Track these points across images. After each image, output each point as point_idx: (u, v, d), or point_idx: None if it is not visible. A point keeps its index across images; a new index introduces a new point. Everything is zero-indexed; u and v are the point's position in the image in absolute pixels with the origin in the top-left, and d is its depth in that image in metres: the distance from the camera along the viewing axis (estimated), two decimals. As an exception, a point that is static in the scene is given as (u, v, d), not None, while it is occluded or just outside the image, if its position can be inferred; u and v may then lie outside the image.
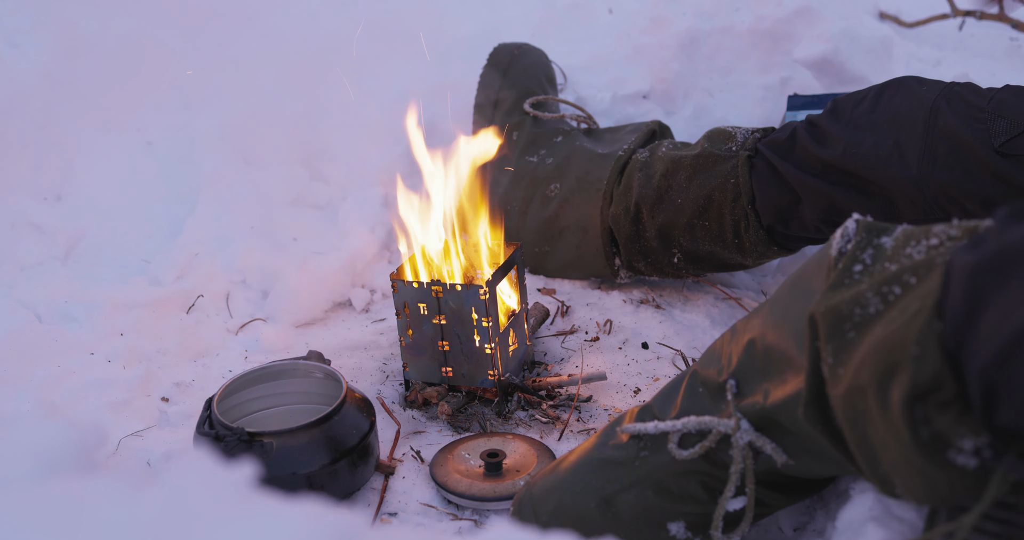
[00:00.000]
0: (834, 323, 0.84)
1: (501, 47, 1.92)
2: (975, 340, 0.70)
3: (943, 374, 0.72)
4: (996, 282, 0.69)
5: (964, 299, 0.71)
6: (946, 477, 0.74)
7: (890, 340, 0.77)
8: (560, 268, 1.72)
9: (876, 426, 0.79)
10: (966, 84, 1.37)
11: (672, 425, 1.06)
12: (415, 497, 1.27)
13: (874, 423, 0.79)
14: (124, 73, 2.01)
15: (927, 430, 0.74)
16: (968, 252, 0.73)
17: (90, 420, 1.38)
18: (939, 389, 0.72)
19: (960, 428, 0.72)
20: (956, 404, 0.72)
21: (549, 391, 1.44)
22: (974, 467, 0.72)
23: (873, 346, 0.79)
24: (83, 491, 0.56)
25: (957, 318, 0.71)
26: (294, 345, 1.58)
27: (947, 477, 0.74)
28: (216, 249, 1.73)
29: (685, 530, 1.06)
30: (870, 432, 0.81)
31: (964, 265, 0.72)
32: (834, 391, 0.84)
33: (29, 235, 1.79)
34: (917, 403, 0.74)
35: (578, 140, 1.75)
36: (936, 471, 0.74)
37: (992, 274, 0.70)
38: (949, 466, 0.73)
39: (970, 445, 0.72)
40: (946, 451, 0.73)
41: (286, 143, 1.90)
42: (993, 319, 0.68)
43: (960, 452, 0.72)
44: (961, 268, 0.72)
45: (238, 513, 0.55)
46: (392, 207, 1.73)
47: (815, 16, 2.08)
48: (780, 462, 1.00)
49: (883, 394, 0.77)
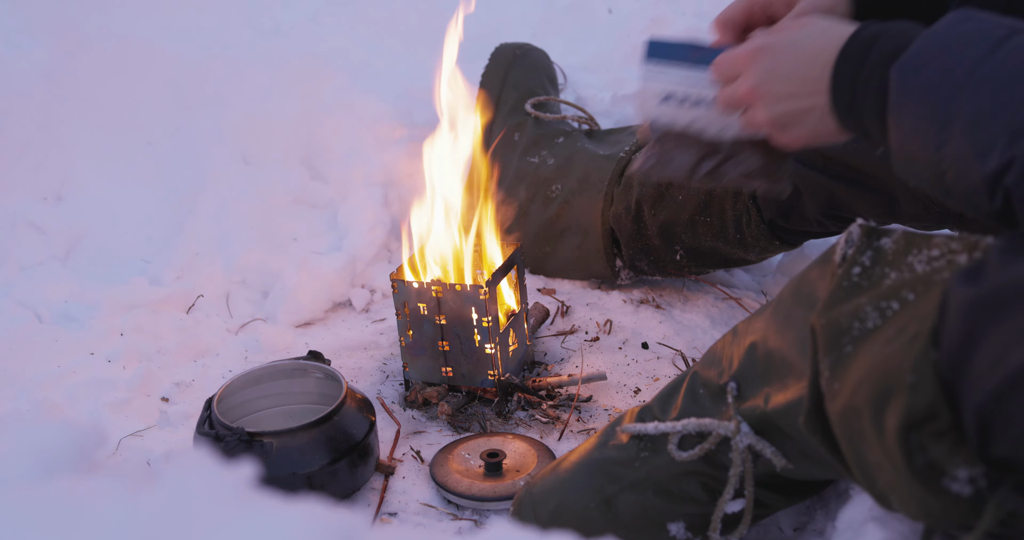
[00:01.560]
0: (832, 336, 0.84)
1: (502, 47, 1.92)
2: (970, 375, 0.70)
3: (938, 404, 0.72)
4: (991, 320, 0.70)
5: (960, 333, 0.71)
6: (941, 503, 0.74)
7: (887, 364, 0.77)
8: (561, 269, 1.72)
9: (872, 447, 0.79)
10: None
11: (672, 426, 1.06)
12: (415, 497, 1.27)
13: (870, 444, 0.80)
14: (124, 73, 2.01)
15: (922, 458, 0.74)
16: (966, 284, 0.73)
17: (90, 420, 1.38)
18: (934, 419, 0.73)
19: (955, 458, 0.72)
20: (951, 434, 0.72)
21: (549, 391, 1.44)
22: (968, 495, 0.72)
23: (870, 368, 0.79)
24: (83, 491, 0.56)
25: (953, 351, 0.72)
26: (294, 345, 1.58)
27: (942, 503, 0.74)
28: (216, 249, 1.73)
29: (685, 531, 1.06)
30: (866, 452, 0.81)
31: (961, 298, 0.72)
32: (831, 406, 0.84)
33: (29, 235, 1.79)
34: (912, 431, 0.74)
35: (580, 141, 1.75)
36: (930, 497, 0.75)
37: (988, 312, 0.70)
38: (944, 493, 0.73)
39: (964, 475, 0.72)
40: (940, 479, 0.73)
41: (286, 143, 1.90)
42: (987, 357, 0.69)
43: (955, 480, 0.72)
44: (958, 301, 0.73)
45: (238, 513, 0.55)
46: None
47: (815, 16, 2.08)
48: (779, 466, 1.00)
49: (878, 418, 0.77)
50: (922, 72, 0.83)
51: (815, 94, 0.93)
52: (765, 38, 0.99)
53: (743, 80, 1.00)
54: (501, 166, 1.78)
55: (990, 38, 0.81)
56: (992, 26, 0.82)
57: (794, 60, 0.95)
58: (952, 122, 0.80)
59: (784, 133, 0.99)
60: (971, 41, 0.82)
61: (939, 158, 0.81)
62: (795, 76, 0.95)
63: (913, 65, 0.84)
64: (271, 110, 1.92)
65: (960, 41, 0.82)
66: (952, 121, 0.80)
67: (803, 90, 0.95)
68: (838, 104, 0.92)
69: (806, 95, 0.94)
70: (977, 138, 0.78)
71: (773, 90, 0.97)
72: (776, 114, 0.98)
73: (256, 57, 2.08)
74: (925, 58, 0.83)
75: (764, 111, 0.99)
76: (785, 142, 1.01)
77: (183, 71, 2.04)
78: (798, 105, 0.95)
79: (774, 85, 0.97)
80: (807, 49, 0.95)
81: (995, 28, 0.82)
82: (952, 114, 0.80)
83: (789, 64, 0.96)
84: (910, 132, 0.84)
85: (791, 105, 0.96)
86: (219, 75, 2.03)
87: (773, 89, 0.97)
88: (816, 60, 0.93)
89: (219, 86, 2.01)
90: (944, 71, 0.81)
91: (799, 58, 0.95)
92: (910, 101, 0.83)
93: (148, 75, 2.03)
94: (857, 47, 0.90)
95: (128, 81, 2.01)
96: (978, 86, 0.79)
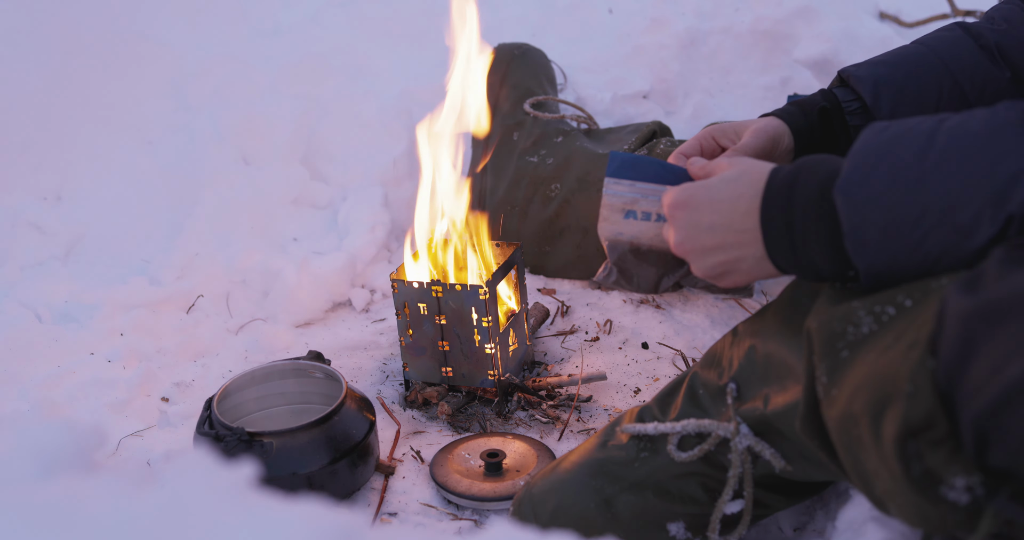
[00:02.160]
0: (827, 341, 0.84)
1: (501, 47, 1.92)
2: (967, 385, 0.70)
3: (936, 413, 0.72)
4: (989, 330, 0.70)
5: (958, 342, 0.71)
6: (938, 511, 0.74)
7: (884, 372, 0.77)
8: (560, 268, 1.72)
9: (869, 454, 0.80)
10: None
11: (672, 427, 1.06)
12: (415, 497, 1.27)
13: (867, 451, 0.80)
14: (124, 73, 2.02)
15: (919, 466, 0.74)
16: (964, 293, 0.73)
17: (90, 420, 1.38)
18: (931, 427, 0.73)
19: (952, 466, 0.72)
20: (948, 442, 0.72)
21: (549, 391, 1.44)
22: (966, 503, 0.72)
23: (867, 376, 0.79)
24: (83, 491, 0.56)
25: (950, 360, 0.72)
26: (294, 345, 1.58)
27: (939, 511, 0.74)
28: (216, 249, 1.73)
29: (685, 531, 1.06)
30: (864, 458, 0.81)
31: (959, 308, 0.72)
32: (829, 412, 0.84)
33: (29, 235, 1.79)
34: (910, 440, 0.74)
35: (579, 140, 1.75)
36: (928, 505, 0.75)
37: (986, 322, 0.70)
38: (941, 501, 0.73)
39: (962, 483, 0.72)
40: (938, 487, 0.73)
41: (286, 143, 1.90)
42: (985, 367, 0.69)
43: (952, 488, 0.73)
44: (956, 310, 0.73)
45: (238, 513, 0.55)
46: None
47: (815, 16, 2.08)
48: (779, 468, 1.00)
49: (876, 426, 0.77)
50: (869, 184, 0.82)
51: (744, 245, 0.93)
52: (685, 189, 0.99)
53: (670, 234, 1.01)
54: (500, 166, 1.78)
55: (920, 133, 0.82)
56: (914, 123, 0.83)
57: (712, 211, 0.95)
58: (923, 217, 0.80)
59: (721, 281, 0.99)
60: (904, 141, 0.82)
61: (923, 254, 0.81)
62: (718, 228, 0.95)
63: (855, 182, 0.83)
64: (271, 110, 1.92)
65: (893, 145, 0.83)
66: (922, 216, 0.80)
67: (729, 241, 0.94)
68: (777, 250, 0.91)
69: (734, 246, 0.94)
70: (958, 221, 0.79)
71: (698, 245, 0.97)
72: (707, 267, 0.98)
73: (256, 57, 2.08)
74: (865, 171, 0.83)
75: (695, 265, 0.99)
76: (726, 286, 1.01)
77: (183, 71, 2.04)
78: (727, 256, 0.95)
79: (698, 240, 0.97)
80: (724, 198, 0.95)
81: (918, 124, 0.83)
82: (920, 209, 0.80)
83: (708, 216, 0.96)
84: (878, 246, 0.83)
85: (720, 257, 0.96)
86: (219, 75, 2.03)
87: (698, 244, 0.97)
88: (735, 209, 0.93)
89: (219, 86, 2.01)
90: (892, 175, 0.81)
91: (717, 208, 0.95)
92: (868, 216, 0.83)
93: (148, 75, 2.03)
94: (778, 189, 0.90)
95: (128, 81, 2.01)
96: (936, 174, 0.80)
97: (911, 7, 2.46)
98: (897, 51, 1.23)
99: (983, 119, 0.81)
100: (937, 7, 2.40)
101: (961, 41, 1.19)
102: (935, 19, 2.39)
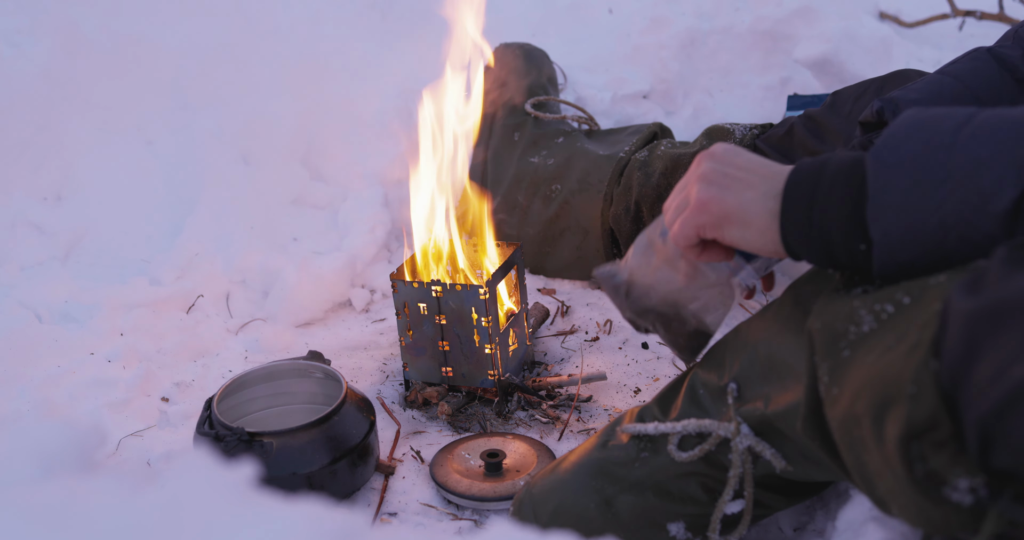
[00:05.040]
0: (829, 341, 0.84)
1: (502, 47, 1.92)
2: (971, 387, 0.70)
3: (939, 414, 0.72)
4: (992, 333, 0.69)
5: (961, 344, 0.71)
6: (941, 512, 0.74)
7: (886, 373, 0.77)
8: (561, 269, 1.72)
9: (872, 455, 0.80)
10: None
11: (672, 427, 1.06)
12: (415, 497, 1.27)
13: (870, 452, 0.80)
14: (124, 73, 2.01)
15: (922, 467, 0.74)
16: (967, 295, 0.73)
17: (90, 420, 1.38)
18: (935, 429, 0.73)
19: (956, 468, 0.72)
20: (952, 443, 0.72)
21: (549, 391, 1.44)
22: (969, 504, 0.72)
23: (869, 376, 0.79)
24: (83, 491, 0.56)
25: (953, 362, 0.72)
26: (294, 345, 1.58)
27: (942, 512, 0.74)
28: (216, 249, 1.73)
29: (685, 531, 1.06)
30: (866, 459, 0.81)
31: (963, 309, 0.72)
32: (831, 413, 0.84)
33: (29, 235, 1.79)
34: (913, 441, 0.74)
35: (579, 141, 1.75)
36: (931, 506, 0.75)
37: (989, 323, 0.70)
38: (944, 502, 0.73)
39: (965, 484, 0.72)
40: (941, 488, 0.73)
41: (286, 143, 1.90)
42: (989, 369, 0.69)
43: (955, 490, 0.72)
44: (959, 311, 0.72)
45: (238, 513, 0.55)
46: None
47: (815, 16, 2.08)
48: (779, 468, 1.00)
49: (878, 427, 0.77)
50: (900, 150, 0.83)
51: (759, 184, 0.91)
52: (724, 145, 0.98)
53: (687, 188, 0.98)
54: (501, 166, 1.78)
55: (961, 113, 0.83)
56: (951, 111, 0.84)
57: (746, 160, 0.94)
58: (946, 180, 0.80)
59: (708, 230, 0.95)
60: (943, 118, 0.83)
61: (939, 221, 0.81)
62: (743, 168, 0.93)
63: (889, 147, 0.83)
64: (271, 110, 1.92)
65: (932, 120, 0.83)
66: (946, 179, 0.80)
67: (748, 180, 0.92)
68: (792, 204, 0.89)
69: (749, 186, 0.92)
70: (981, 183, 0.78)
71: (718, 175, 0.94)
72: (707, 198, 0.94)
73: (256, 57, 2.08)
74: (900, 139, 0.83)
75: (699, 195, 0.95)
76: (705, 260, 0.99)
77: (183, 71, 2.04)
78: (734, 197, 0.92)
79: (718, 173, 0.94)
80: (759, 159, 0.94)
81: (961, 108, 0.84)
82: (945, 172, 0.80)
83: (740, 159, 0.94)
84: (898, 210, 0.82)
85: (727, 195, 0.93)
86: (219, 75, 2.03)
87: (718, 174, 0.94)
88: (768, 164, 0.93)
89: (219, 86, 2.01)
90: (925, 143, 0.82)
91: (751, 158, 0.94)
92: (893, 178, 0.83)
93: (148, 75, 2.03)
94: (813, 161, 0.90)
95: (128, 81, 2.01)
96: (967, 143, 0.80)
97: (911, 7, 2.47)
98: (922, 82, 1.22)
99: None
100: (937, 7, 2.40)
101: (989, 69, 1.19)
102: (935, 19, 2.39)
